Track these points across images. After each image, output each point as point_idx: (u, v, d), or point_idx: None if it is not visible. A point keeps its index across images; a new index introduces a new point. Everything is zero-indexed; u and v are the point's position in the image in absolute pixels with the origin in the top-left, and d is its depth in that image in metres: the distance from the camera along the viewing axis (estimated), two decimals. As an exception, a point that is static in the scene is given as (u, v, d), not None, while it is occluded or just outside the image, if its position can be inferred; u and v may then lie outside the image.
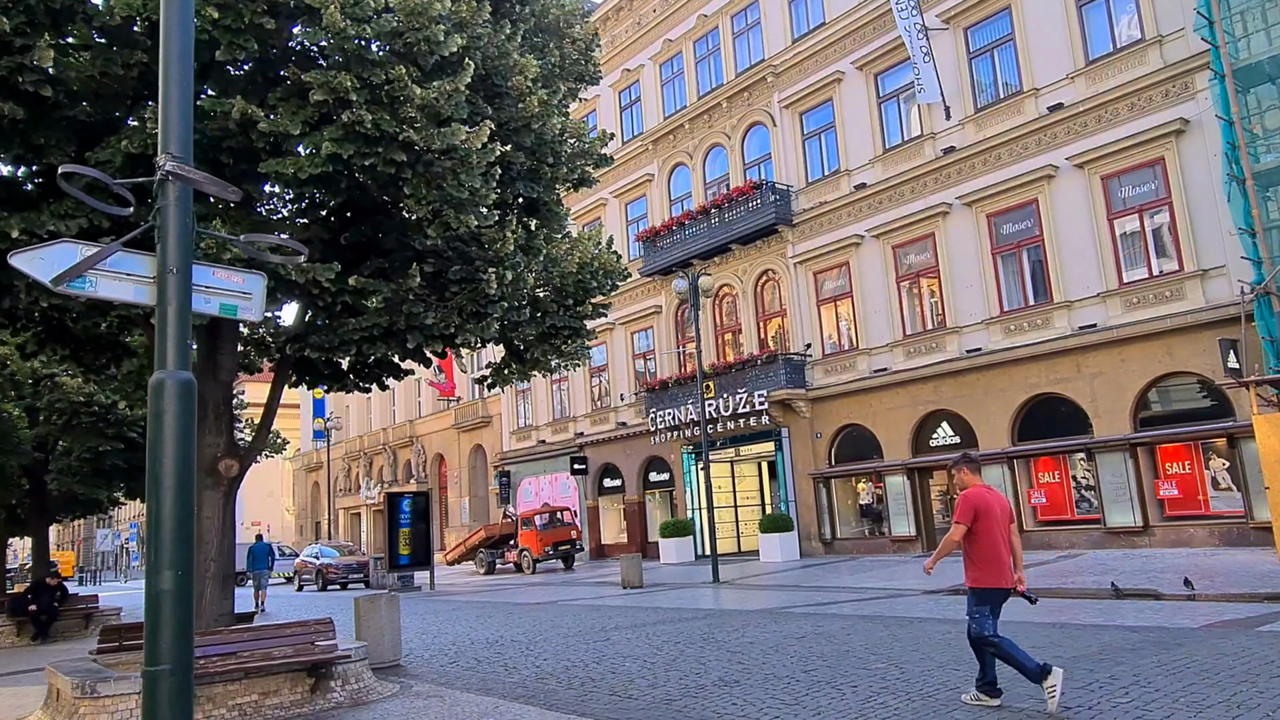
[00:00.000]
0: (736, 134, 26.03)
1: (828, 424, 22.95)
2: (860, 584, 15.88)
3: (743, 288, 25.46)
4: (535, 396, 33.80)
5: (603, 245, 10.06)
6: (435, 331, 7.74)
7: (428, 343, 7.83)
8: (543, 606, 15.78)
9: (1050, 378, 18.52)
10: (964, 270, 20.10)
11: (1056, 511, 18.65)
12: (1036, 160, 18.88)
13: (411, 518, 23.46)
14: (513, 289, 7.90)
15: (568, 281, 9.20)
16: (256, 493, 62.07)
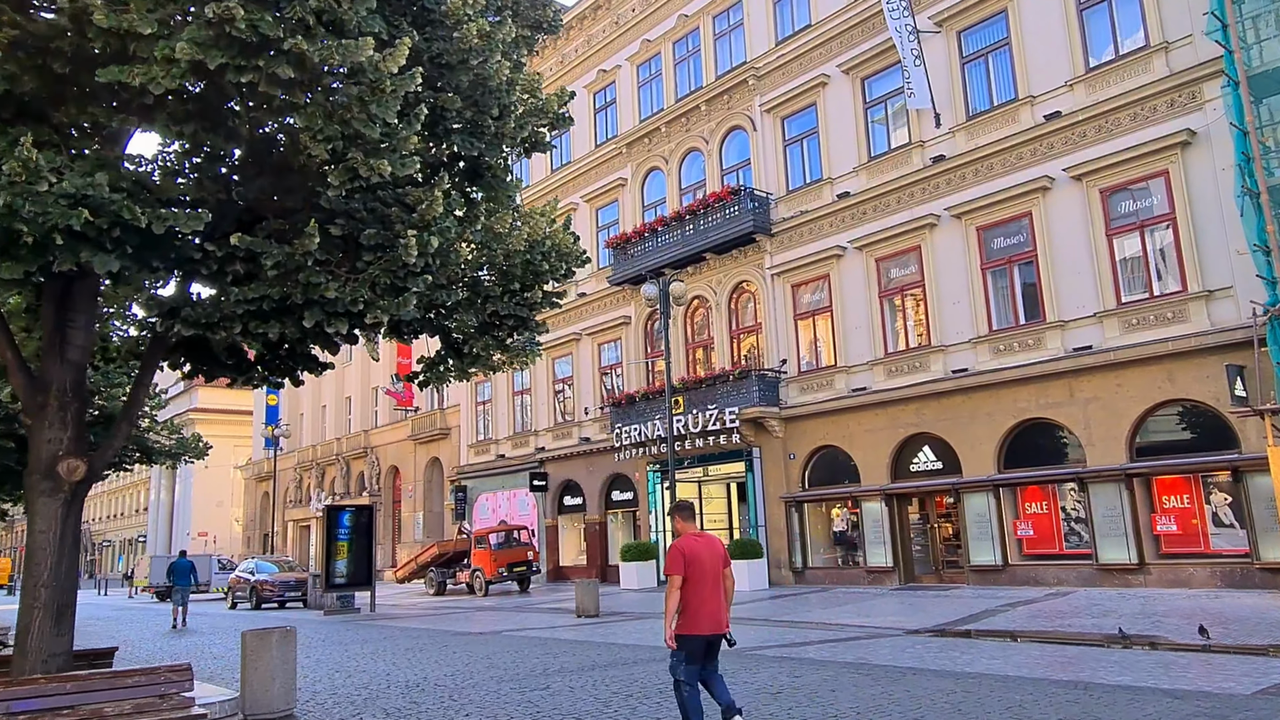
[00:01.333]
0: (715, 138, 24.84)
1: (802, 445, 21.63)
2: (834, 619, 14.50)
3: (716, 300, 24.17)
4: (496, 409, 32.21)
5: (558, 223, 8.63)
6: (339, 307, 6.27)
7: (330, 321, 6.35)
8: (486, 637, 14.21)
9: (1041, 402, 17.36)
10: (951, 286, 18.96)
11: (1044, 545, 17.43)
12: (1031, 171, 17.82)
13: (352, 533, 21.75)
14: (441, 261, 6.50)
15: (514, 262, 7.78)
16: (205, 502, 59.75)
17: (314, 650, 13.37)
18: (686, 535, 5.91)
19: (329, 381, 45.87)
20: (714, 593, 5.71)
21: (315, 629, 17.36)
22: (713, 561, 5.76)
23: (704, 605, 5.63)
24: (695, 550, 5.71)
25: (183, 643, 16.18)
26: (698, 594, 5.63)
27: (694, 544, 5.78)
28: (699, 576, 5.65)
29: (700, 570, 5.66)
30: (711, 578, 5.72)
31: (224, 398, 61.45)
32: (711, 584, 5.70)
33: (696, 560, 5.67)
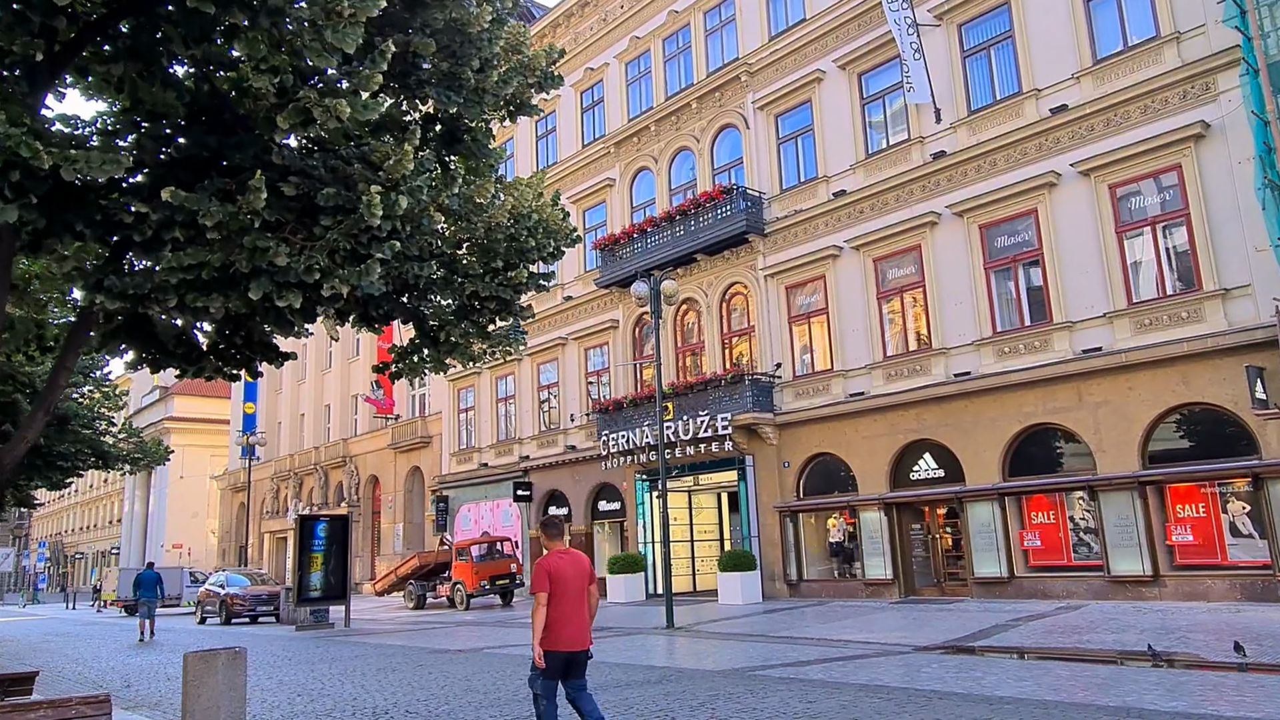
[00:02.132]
0: (706, 137, 24.11)
1: (797, 452, 20.83)
2: (836, 635, 13.66)
3: (707, 302, 23.38)
4: (479, 416, 31.25)
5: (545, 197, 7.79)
6: (291, 276, 5.40)
7: (280, 293, 5.49)
8: (465, 655, 13.27)
9: (1048, 406, 16.64)
10: (953, 286, 18.25)
11: (1051, 556, 16.68)
12: (1036, 167, 17.16)
13: (327, 544, 20.73)
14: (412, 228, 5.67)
15: (496, 238, 6.94)
16: (180, 513, 58.24)
17: (278, 670, 12.39)
18: (553, 553, 5.90)
19: (308, 389, 44.77)
20: (577, 610, 5.75)
21: (283, 646, 16.35)
22: (577, 579, 5.81)
23: (566, 622, 5.66)
24: (560, 568, 5.74)
25: (138, 660, 15.13)
26: (561, 611, 5.67)
27: (559, 561, 5.79)
28: (563, 594, 5.69)
29: (564, 588, 5.70)
30: (575, 595, 5.76)
31: (200, 406, 60.09)
32: (575, 602, 5.75)
33: (561, 578, 5.71)
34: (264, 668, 12.76)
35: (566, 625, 5.66)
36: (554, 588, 5.68)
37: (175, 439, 59.61)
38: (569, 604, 5.70)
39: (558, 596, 5.67)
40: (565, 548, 6.00)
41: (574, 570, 5.81)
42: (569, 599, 5.70)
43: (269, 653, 15.17)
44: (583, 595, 5.82)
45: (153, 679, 12.07)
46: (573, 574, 5.78)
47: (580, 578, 5.83)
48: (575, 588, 5.76)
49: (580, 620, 5.74)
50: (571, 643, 5.66)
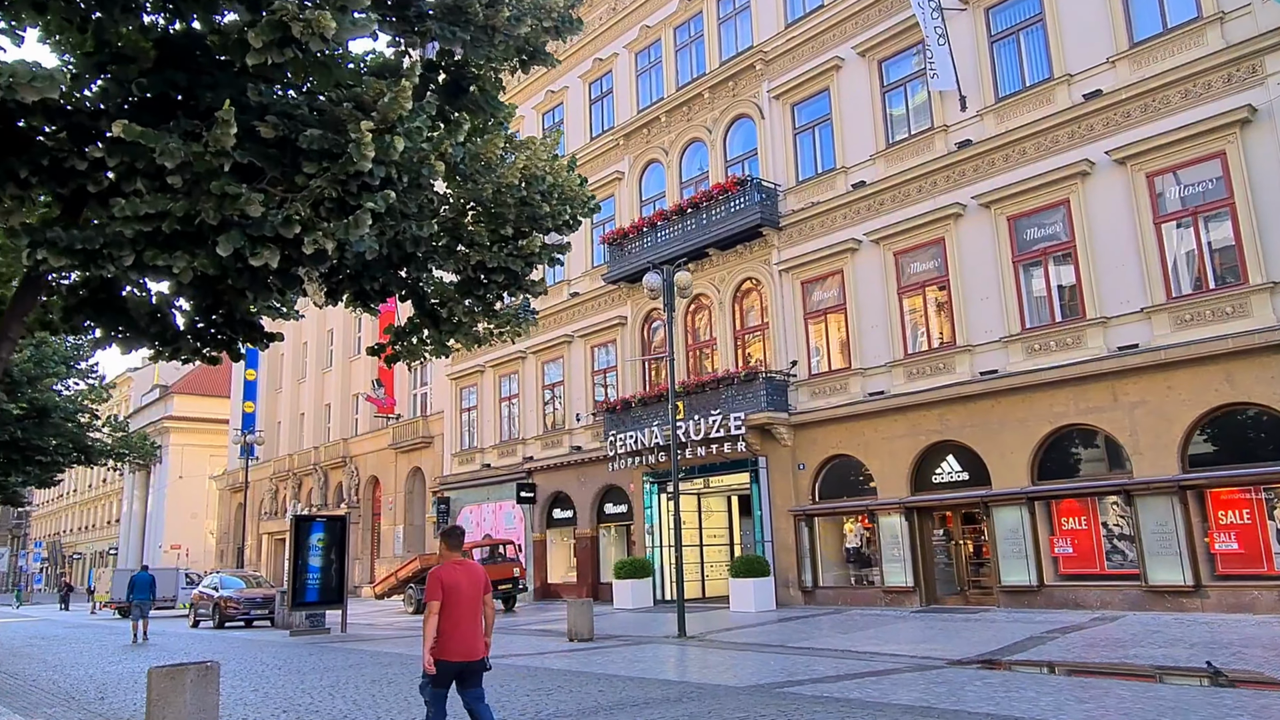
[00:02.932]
0: (719, 127, 23.34)
1: (812, 454, 20.02)
2: (859, 646, 12.83)
3: (719, 298, 22.59)
4: (482, 415, 30.46)
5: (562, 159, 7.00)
6: (267, 230, 4.63)
7: (254, 249, 4.71)
8: (466, 665, 12.44)
9: (1080, 406, 15.83)
10: (979, 281, 17.46)
11: (1084, 564, 15.84)
12: (1069, 155, 16.36)
13: (324, 546, 19.92)
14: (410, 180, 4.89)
15: (505, 200, 6.15)
16: (179, 514, 57.44)
17: (265, 680, 11.59)
18: (448, 563, 5.91)
19: (308, 388, 44.03)
20: (469, 621, 5.79)
21: (275, 653, 15.56)
22: (471, 590, 5.84)
23: (458, 633, 5.71)
24: (454, 578, 5.78)
25: (119, 668, 14.33)
26: (453, 621, 5.69)
27: (454, 571, 5.83)
28: (455, 603, 5.72)
29: (457, 597, 5.73)
30: (469, 606, 5.79)
31: (200, 406, 59.39)
32: (468, 612, 5.78)
33: (455, 588, 5.73)
34: (250, 677, 11.96)
35: (458, 635, 5.69)
36: (446, 597, 5.69)
37: (174, 438, 58.99)
38: (462, 614, 5.72)
39: (450, 606, 5.69)
40: (462, 559, 6.02)
41: (468, 581, 5.84)
42: (462, 609, 5.73)
43: (258, 660, 14.37)
44: (477, 606, 5.85)
45: (131, 689, 11.27)
46: (467, 585, 5.81)
47: (475, 589, 5.87)
48: (469, 599, 5.79)
49: (473, 631, 5.78)
50: (462, 653, 5.70)
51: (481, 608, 5.89)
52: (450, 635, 5.69)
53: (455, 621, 5.70)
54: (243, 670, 12.86)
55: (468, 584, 5.83)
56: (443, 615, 5.70)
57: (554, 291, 27.98)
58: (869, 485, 19.07)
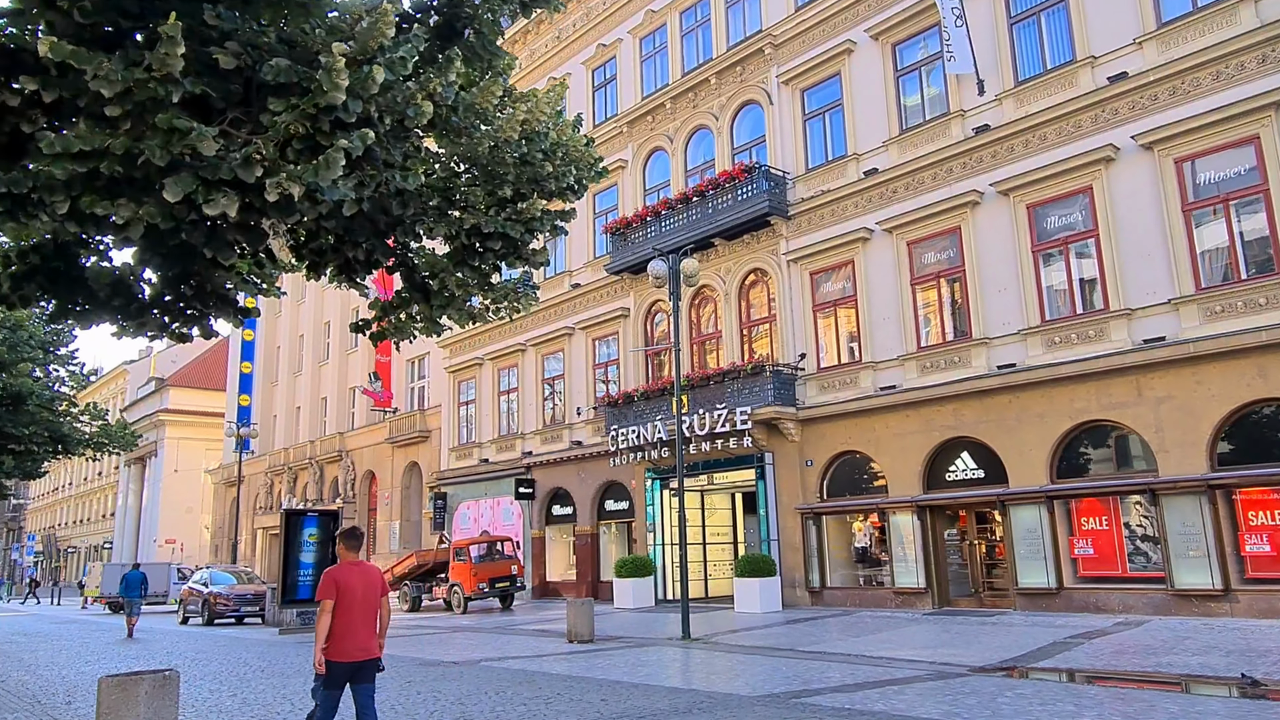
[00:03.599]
0: (726, 114, 22.68)
1: (820, 450, 19.38)
2: (874, 650, 12.20)
3: (725, 289, 21.94)
4: (480, 410, 29.81)
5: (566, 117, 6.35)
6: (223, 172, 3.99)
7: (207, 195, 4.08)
8: (460, 669, 11.83)
9: (1102, 402, 15.19)
10: (996, 271, 16.82)
11: (1105, 566, 15.21)
12: (1092, 140, 15.72)
13: (317, 542, 19.27)
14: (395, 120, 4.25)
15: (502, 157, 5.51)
16: (173, 508, 56.81)
17: (246, 684, 10.96)
18: (344, 564, 5.96)
19: (304, 382, 43.40)
20: (363, 622, 5.83)
21: (261, 653, 14.92)
22: (366, 591, 5.88)
23: (351, 633, 5.74)
24: (348, 578, 5.82)
25: (96, 668, 13.69)
26: (346, 622, 5.73)
27: (348, 572, 5.88)
28: (349, 604, 5.76)
29: (351, 598, 5.77)
30: (362, 607, 5.83)
31: (196, 399, 58.77)
32: (361, 613, 5.82)
33: (348, 588, 5.78)
34: (230, 680, 11.33)
35: (351, 636, 5.72)
36: (340, 598, 5.73)
37: (170, 432, 58.36)
38: (356, 615, 5.76)
39: (344, 607, 5.73)
40: (359, 560, 6.07)
41: (363, 583, 5.88)
42: (356, 610, 5.77)
43: (242, 661, 13.73)
44: (372, 608, 5.90)
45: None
46: (362, 586, 5.85)
47: (371, 590, 5.90)
48: (364, 600, 5.83)
49: (367, 632, 5.82)
50: (355, 653, 5.73)
51: (376, 610, 5.93)
52: (344, 636, 5.71)
53: (349, 622, 5.73)
54: (224, 672, 12.23)
55: (363, 586, 5.86)
56: (337, 616, 5.73)
57: (555, 283, 27.35)
58: (879, 483, 18.44)
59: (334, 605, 5.73)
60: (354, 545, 6.09)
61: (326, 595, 5.79)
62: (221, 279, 6.64)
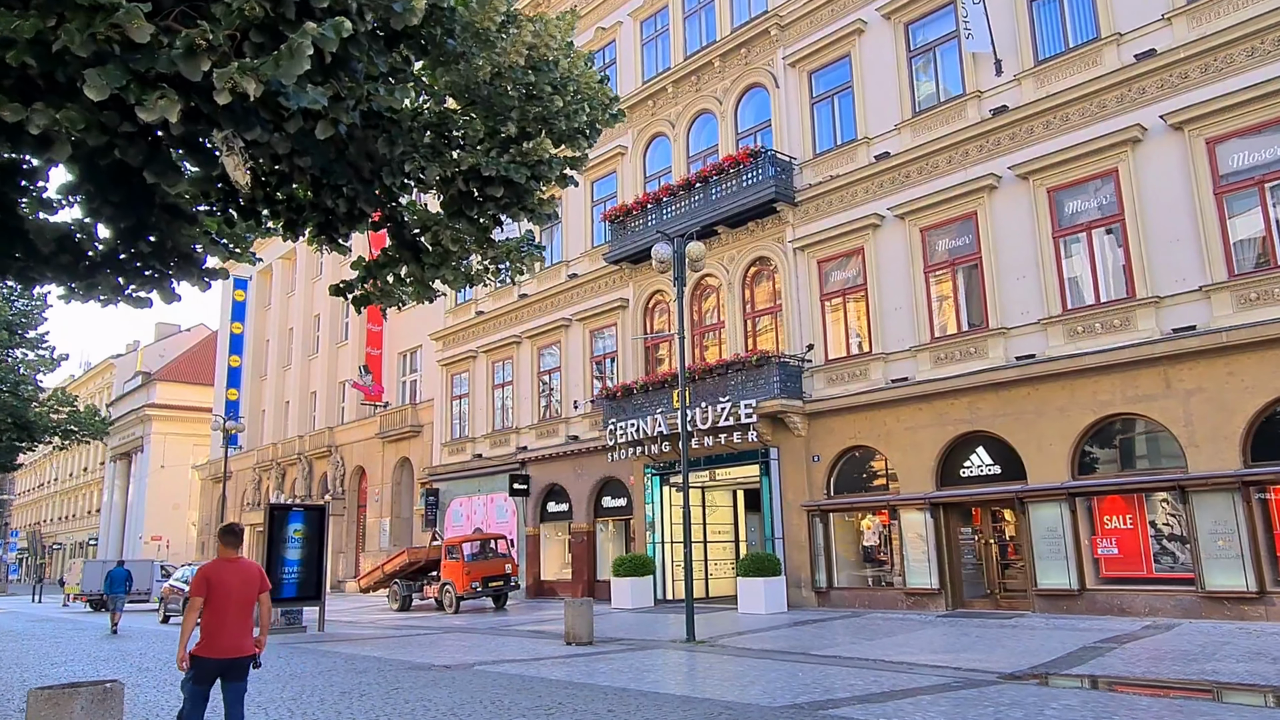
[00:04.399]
0: (730, 98, 21.93)
1: (828, 445, 18.65)
2: (892, 655, 11.47)
3: (728, 279, 21.19)
4: (474, 403, 28.99)
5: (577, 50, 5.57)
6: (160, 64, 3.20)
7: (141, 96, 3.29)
8: (452, 674, 11.04)
9: (1128, 394, 14.49)
10: (1015, 258, 16.11)
11: (1129, 566, 14.51)
12: (1118, 121, 15.01)
13: (303, 539, 18.44)
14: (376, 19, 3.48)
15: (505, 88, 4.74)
16: (160, 504, 55.80)
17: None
18: (218, 560, 5.93)
19: (293, 375, 42.50)
20: (237, 619, 5.77)
21: (242, 654, 14.09)
22: (242, 588, 5.83)
23: (224, 630, 5.69)
24: (222, 575, 5.79)
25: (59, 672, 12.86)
26: (218, 618, 5.70)
27: (222, 569, 5.84)
28: (222, 601, 5.72)
29: (224, 595, 5.73)
30: (237, 603, 5.78)
31: (183, 394, 57.79)
32: (237, 610, 5.77)
33: (221, 585, 5.74)
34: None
35: (224, 633, 5.68)
36: (212, 594, 5.69)
37: (156, 427, 57.32)
38: (230, 612, 5.71)
39: (217, 604, 5.69)
40: (237, 557, 5.98)
41: (238, 579, 5.83)
42: (230, 607, 5.72)
43: (222, 663, 12.90)
44: (248, 605, 5.84)
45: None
46: (237, 583, 5.80)
47: (246, 587, 5.85)
48: (239, 597, 5.78)
49: (240, 629, 5.77)
50: (226, 650, 5.68)
51: (252, 607, 5.86)
52: (215, 633, 5.66)
53: (221, 619, 5.67)
54: (199, 676, 11.41)
55: (238, 582, 5.80)
56: (209, 612, 5.68)
57: (551, 273, 26.57)
58: (890, 479, 17.72)
59: (205, 602, 5.68)
60: (231, 542, 6.01)
61: (197, 592, 5.73)
62: (185, 238, 5.86)
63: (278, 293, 45.46)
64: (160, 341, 67.31)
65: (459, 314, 30.24)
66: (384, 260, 5.69)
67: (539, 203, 5.37)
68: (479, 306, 29.30)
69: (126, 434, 59.06)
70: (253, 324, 46.26)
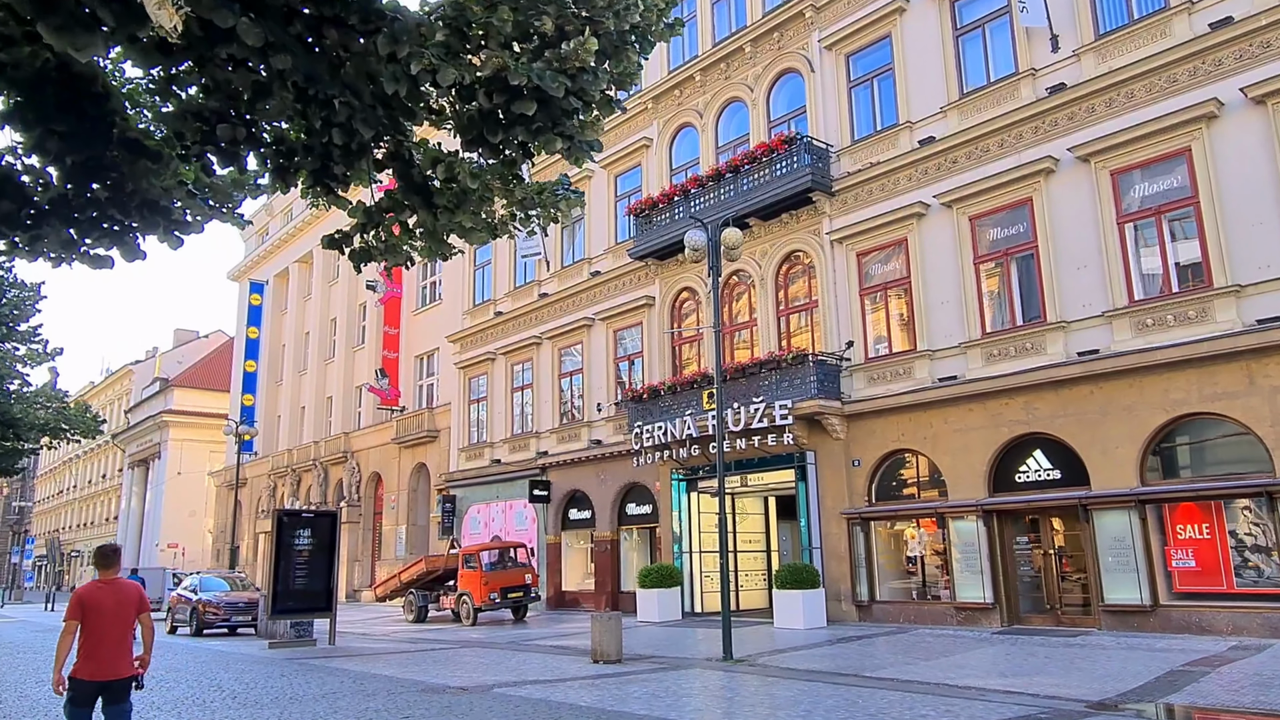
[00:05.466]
0: (761, 85, 20.89)
1: (869, 448, 17.50)
2: (956, 678, 10.32)
3: (760, 274, 20.11)
4: (492, 407, 28.02)
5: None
6: None
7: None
8: (470, 698, 10.00)
9: (1204, 392, 13.28)
10: (1075, 246, 14.95)
11: (1208, 580, 13.26)
12: (1190, 96, 13.85)
13: (313, 547, 17.48)
14: None
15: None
16: (176, 511, 55.23)
17: (209, 716, 9.14)
18: (93, 582, 5.92)
19: (309, 380, 41.77)
20: (116, 640, 5.76)
21: (240, 673, 13.12)
22: (119, 609, 5.81)
23: (101, 652, 5.68)
24: (96, 597, 5.76)
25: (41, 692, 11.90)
26: (97, 641, 5.68)
27: (97, 591, 5.80)
28: (97, 623, 5.70)
29: (99, 616, 5.71)
30: (114, 625, 5.76)
31: (200, 400, 57.33)
32: (113, 632, 5.76)
33: (96, 607, 5.72)
34: (193, 709, 9.52)
35: (100, 655, 5.68)
36: (86, 617, 5.69)
37: (174, 433, 56.83)
38: (105, 634, 5.70)
39: (92, 626, 5.67)
40: (113, 578, 5.95)
41: (114, 600, 5.80)
42: (105, 629, 5.71)
43: (215, 683, 11.93)
44: (124, 625, 5.82)
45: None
46: (112, 604, 5.78)
47: (123, 608, 5.83)
48: (115, 618, 5.77)
49: (118, 651, 5.75)
50: (103, 673, 5.68)
51: (129, 627, 5.83)
52: (91, 655, 5.64)
53: (97, 641, 5.65)
54: (190, 697, 10.43)
55: (113, 604, 5.76)
56: (85, 634, 5.66)
57: (572, 271, 25.61)
58: (937, 485, 16.55)
59: (81, 625, 5.65)
60: (105, 563, 5.95)
61: (71, 616, 5.70)
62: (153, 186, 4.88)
63: (294, 297, 44.82)
64: (179, 348, 67.01)
65: (477, 315, 29.32)
66: (388, 204, 4.68)
67: (581, 126, 4.32)
68: (498, 307, 28.37)
69: (144, 440, 58.66)
70: (269, 329, 45.63)
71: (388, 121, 4.21)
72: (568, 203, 4.95)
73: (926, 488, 16.84)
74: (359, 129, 4.06)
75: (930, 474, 16.75)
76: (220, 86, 4.74)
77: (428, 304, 34.38)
